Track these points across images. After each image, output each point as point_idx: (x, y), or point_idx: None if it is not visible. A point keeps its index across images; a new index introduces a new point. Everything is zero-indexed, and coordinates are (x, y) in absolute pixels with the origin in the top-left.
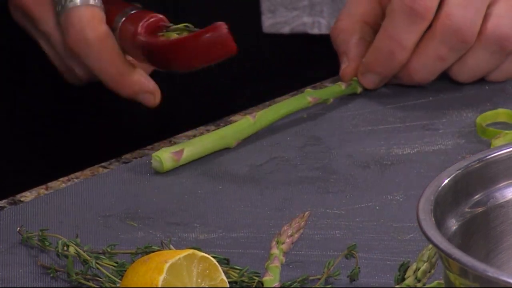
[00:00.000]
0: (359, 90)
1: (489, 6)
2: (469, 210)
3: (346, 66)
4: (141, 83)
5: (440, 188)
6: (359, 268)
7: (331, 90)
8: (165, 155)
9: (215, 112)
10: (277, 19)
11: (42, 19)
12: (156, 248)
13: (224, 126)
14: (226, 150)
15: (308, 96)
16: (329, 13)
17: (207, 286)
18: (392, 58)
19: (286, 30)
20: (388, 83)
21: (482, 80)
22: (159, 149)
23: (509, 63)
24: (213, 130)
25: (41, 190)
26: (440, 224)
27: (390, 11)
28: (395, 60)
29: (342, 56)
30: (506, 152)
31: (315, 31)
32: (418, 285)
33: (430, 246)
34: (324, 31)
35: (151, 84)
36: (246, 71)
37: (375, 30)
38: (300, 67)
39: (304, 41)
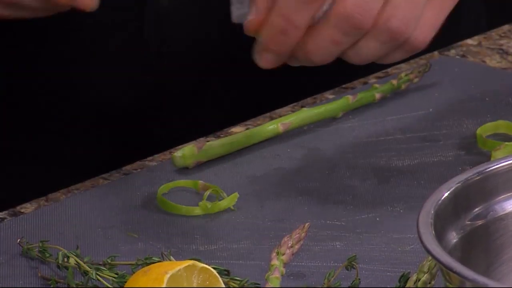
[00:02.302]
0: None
1: None
2: (469, 223)
3: (254, 18)
4: None
5: (440, 201)
6: (359, 279)
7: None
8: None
9: (215, 123)
10: (246, 9)
11: None
12: (157, 259)
13: (224, 137)
14: (225, 161)
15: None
16: None
17: None
18: (286, 36)
19: None
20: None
21: (482, 92)
22: (159, 161)
23: (399, 52)
24: (213, 141)
25: (41, 201)
26: (440, 237)
27: None
28: (289, 38)
29: (250, 3)
30: (506, 165)
31: None
32: None
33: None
34: None
35: None
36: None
37: None
38: None
39: None
